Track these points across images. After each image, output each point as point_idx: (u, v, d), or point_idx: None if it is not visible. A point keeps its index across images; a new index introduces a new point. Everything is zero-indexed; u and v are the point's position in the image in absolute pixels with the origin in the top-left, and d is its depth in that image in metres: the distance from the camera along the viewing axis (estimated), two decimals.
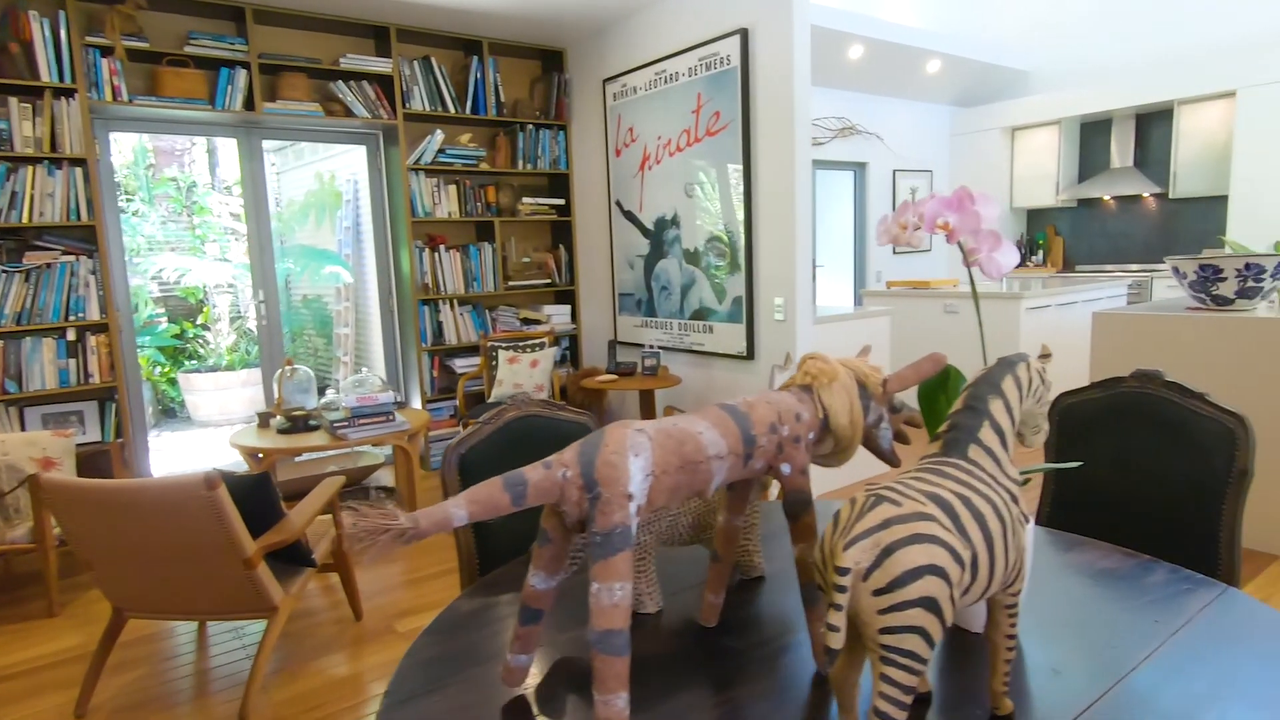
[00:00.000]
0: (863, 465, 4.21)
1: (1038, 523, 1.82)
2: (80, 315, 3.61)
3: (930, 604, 0.73)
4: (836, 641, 0.72)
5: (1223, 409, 1.54)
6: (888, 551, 0.74)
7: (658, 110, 4.32)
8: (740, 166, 3.84)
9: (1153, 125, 6.73)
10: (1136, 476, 1.67)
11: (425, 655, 1.13)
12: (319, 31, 4.33)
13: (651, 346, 4.53)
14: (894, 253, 7.30)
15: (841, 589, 0.73)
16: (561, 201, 5.16)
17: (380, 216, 4.80)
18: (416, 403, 4.74)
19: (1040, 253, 7.54)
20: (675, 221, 4.31)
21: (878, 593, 0.74)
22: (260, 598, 2.27)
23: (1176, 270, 3.32)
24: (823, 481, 4.03)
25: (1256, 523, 3.11)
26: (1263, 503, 3.08)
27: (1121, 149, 6.85)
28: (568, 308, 5.24)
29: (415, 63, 4.49)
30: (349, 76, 4.31)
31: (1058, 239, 7.48)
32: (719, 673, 1.05)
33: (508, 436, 1.61)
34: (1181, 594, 1.21)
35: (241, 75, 3.95)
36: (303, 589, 2.54)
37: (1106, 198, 7.09)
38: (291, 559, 2.54)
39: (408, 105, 4.46)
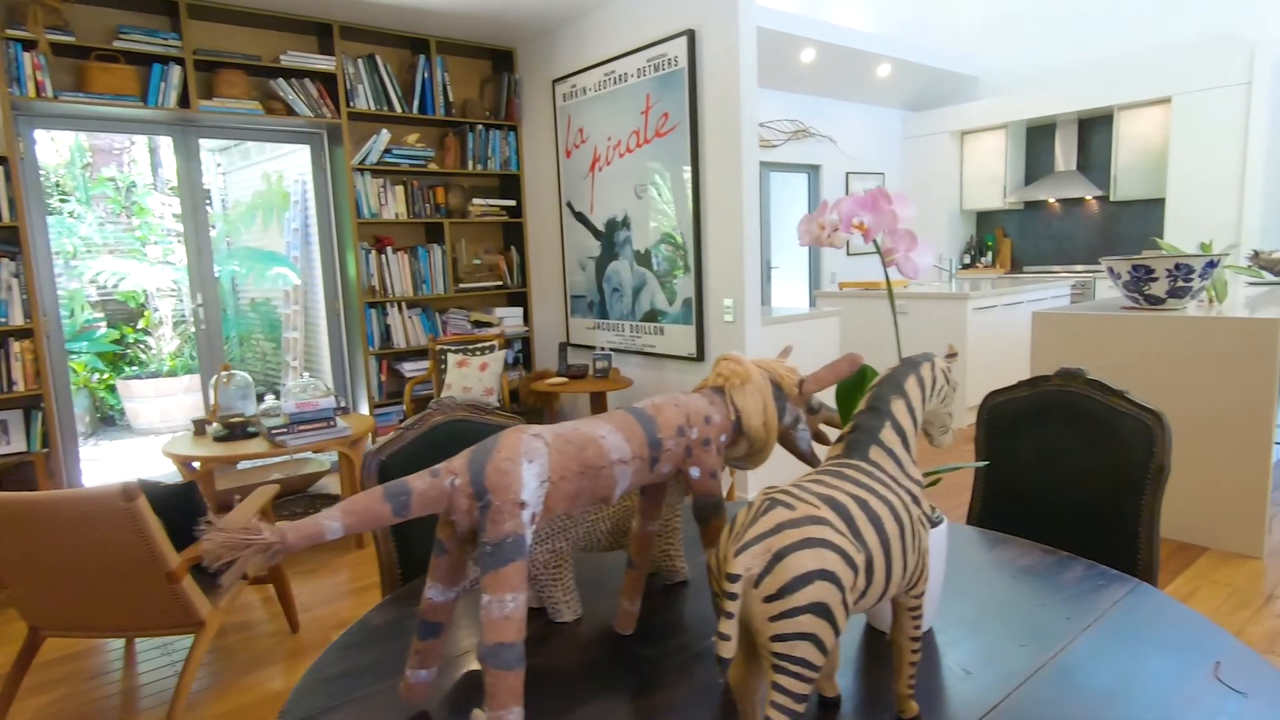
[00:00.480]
0: None
1: (969, 521, 1.84)
2: (2, 320, 3.46)
3: (821, 610, 0.72)
4: (727, 651, 0.70)
5: (1141, 406, 1.57)
6: (778, 557, 0.73)
7: (607, 111, 4.30)
8: (689, 168, 3.83)
9: (1094, 130, 6.92)
10: (1062, 473, 1.69)
11: (329, 671, 1.08)
12: (258, 28, 4.22)
13: (603, 349, 4.50)
14: (847, 254, 7.38)
15: (732, 596, 0.71)
16: (513, 203, 5.10)
17: (325, 217, 4.69)
18: (364, 408, 4.64)
19: (989, 254, 7.70)
20: (626, 223, 4.29)
21: (768, 599, 0.72)
22: (185, 612, 2.19)
23: (1111, 271, 3.40)
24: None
25: (1189, 517, 3.20)
26: (1195, 496, 3.17)
27: (1065, 153, 7.03)
28: (520, 310, 5.18)
29: (360, 61, 4.40)
30: (290, 74, 4.20)
31: (1006, 240, 7.64)
32: (632, 682, 1.03)
33: (432, 442, 1.57)
34: (1095, 590, 1.23)
35: (175, 72, 3.82)
36: (233, 602, 2.45)
37: (1051, 200, 7.27)
38: (221, 571, 2.46)
39: (352, 104, 4.37)
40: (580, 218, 4.62)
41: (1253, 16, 5.71)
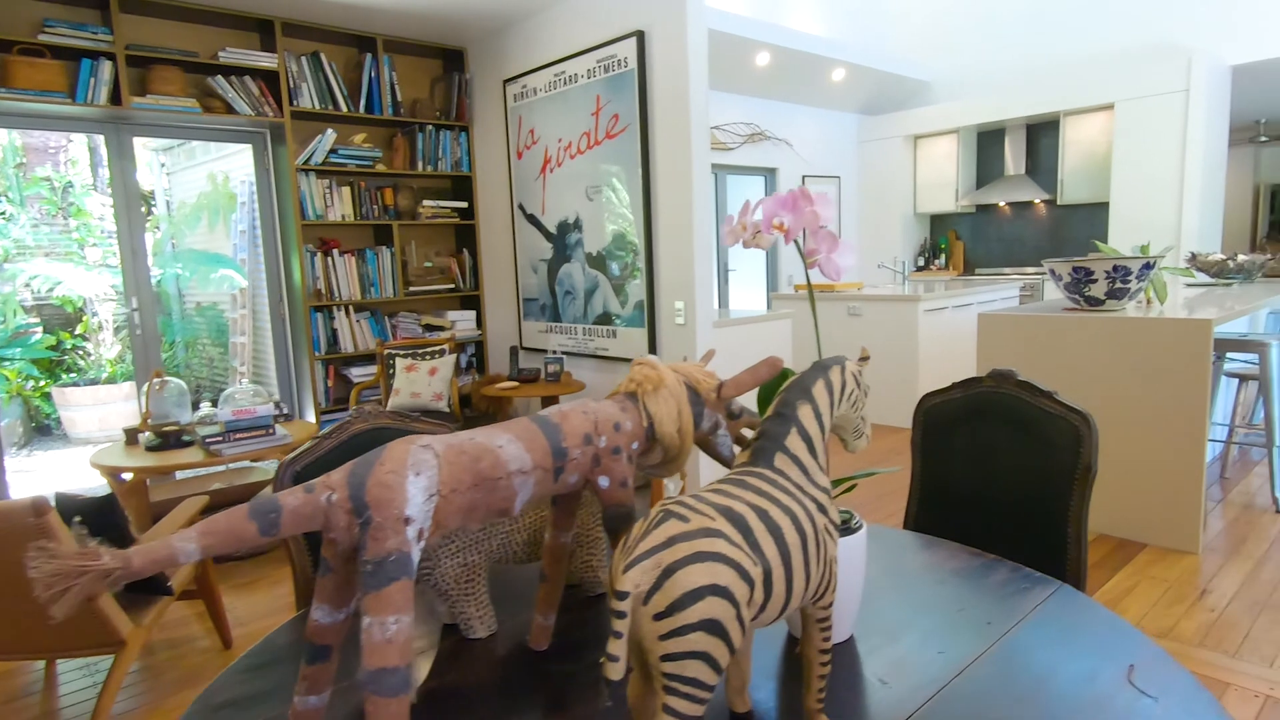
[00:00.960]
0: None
1: (905, 523, 1.83)
2: None
3: (713, 627, 0.69)
4: (615, 673, 0.67)
5: (1069, 407, 1.57)
6: (668, 572, 0.69)
7: (558, 112, 4.25)
8: (639, 170, 3.80)
9: (1042, 135, 7.07)
10: (995, 474, 1.69)
11: (221, 698, 1.02)
12: (194, 23, 4.09)
13: (555, 352, 4.45)
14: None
15: (620, 615, 0.68)
16: (465, 204, 5.02)
17: (269, 219, 4.57)
18: (310, 414, 4.52)
19: (943, 256, 7.82)
20: (578, 225, 4.25)
21: (658, 617, 0.69)
22: (104, 632, 2.08)
23: (1053, 273, 3.46)
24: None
25: (1129, 514, 3.26)
26: (1135, 494, 3.23)
27: (1015, 157, 7.17)
28: (473, 313, 5.10)
29: (304, 59, 4.29)
30: (230, 71, 4.08)
31: (958, 243, 7.77)
32: (543, 699, 0.99)
33: (352, 451, 1.51)
34: (1019, 593, 1.22)
35: (106, 67, 3.68)
36: (157, 619, 2.35)
37: (1002, 203, 7.41)
38: (145, 587, 2.35)
39: (296, 103, 4.26)
40: (532, 220, 4.56)
41: (1189, 26, 5.89)
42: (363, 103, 4.52)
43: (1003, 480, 1.67)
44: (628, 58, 3.78)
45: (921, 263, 7.88)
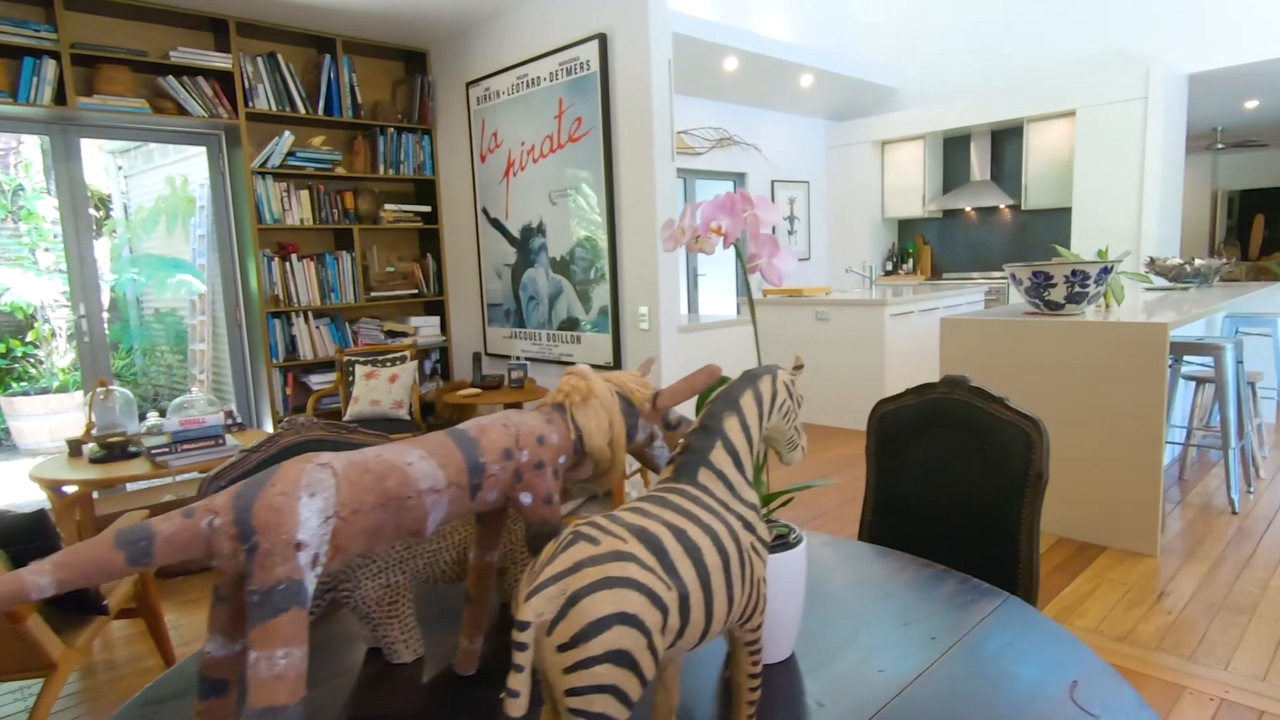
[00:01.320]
0: None
1: (860, 532, 1.80)
2: None
3: (621, 658, 0.64)
4: (516, 709, 0.62)
5: (1020, 413, 1.55)
6: (573, 600, 0.65)
7: (521, 115, 4.20)
8: (603, 173, 3.76)
9: (1006, 141, 7.16)
10: (948, 482, 1.67)
11: None
12: (144, 21, 3.97)
13: (518, 358, 4.38)
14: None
15: (521, 647, 0.63)
16: (428, 208, 4.95)
17: (224, 223, 4.45)
18: (268, 423, 4.40)
19: (910, 261, 7.87)
20: (541, 229, 4.19)
21: (562, 648, 0.64)
22: (32, 655, 1.99)
23: (1014, 277, 3.47)
24: None
25: (1089, 517, 3.27)
26: (1094, 497, 3.25)
27: (980, 163, 7.25)
28: (437, 319, 5.02)
29: (260, 59, 4.19)
30: (182, 71, 3.97)
31: (926, 248, 7.83)
32: None
33: None
34: (965, 606, 1.19)
35: (50, 66, 3.56)
36: (92, 640, 2.25)
37: (968, 209, 7.48)
38: (80, 606, 2.25)
39: (252, 104, 4.16)
40: (496, 224, 4.50)
41: (1147, 35, 5.99)
42: (321, 105, 4.43)
43: (956, 488, 1.65)
44: (590, 60, 3.74)
45: (890, 267, 7.93)
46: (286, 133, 4.28)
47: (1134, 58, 6.03)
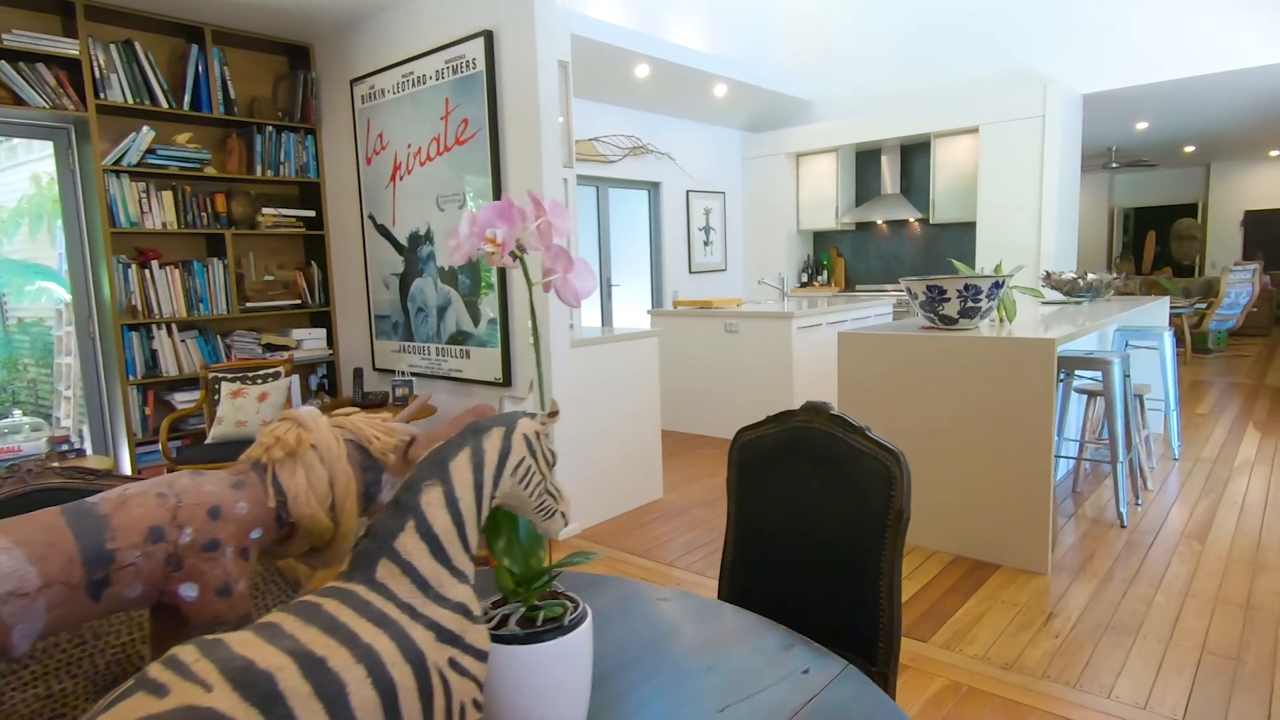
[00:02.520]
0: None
1: (722, 574, 1.64)
2: None
3: None
4: None
5: (881, 445, 1.42)
6: None
7: (407, 116, 3.94)
8: (490, 178, 3.55)
9: (915, 156, 7.26)
10: (808, 519, 1.52)
11: None
12: None
13: (403, 373, 4.11)
14: (690, 272, 7.34)
15: None
16: (312, 213, 4.62)
17: (75, 226, 4.04)
18: (124, 447, 4.00)
19: (825, 273, 7.91)
20: (429, 237, 3.94)
21: None
22: None
23: (909, 291, 3.42)
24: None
25: (983, 535, 3.22)
26: (988, 514, 3.20)
27: (891, 176, 7.33)
28: (323, 331, 4.69)
29: (114, 47, 3.81)
30: (19, 56, 3.57)
31: (840, 260, 7.87)
32: None
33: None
34: (794, 682, 1.03)
35: None
36: None
37: (880, 221, 7.55)
38: None
39: (104, 96, 3.77)
40: (383, 231, 4.22)
41: (1045, 56, 6.15)
42: (188, 99, 4.07)
43: (817, 525, 1.50)
44: (476, 59, 3.52)
45: (805, 279, 7.94)
46: (146, 128, 3.91)
47: (1032, 77, 6.19)
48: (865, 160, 7.62)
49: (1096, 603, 2.82)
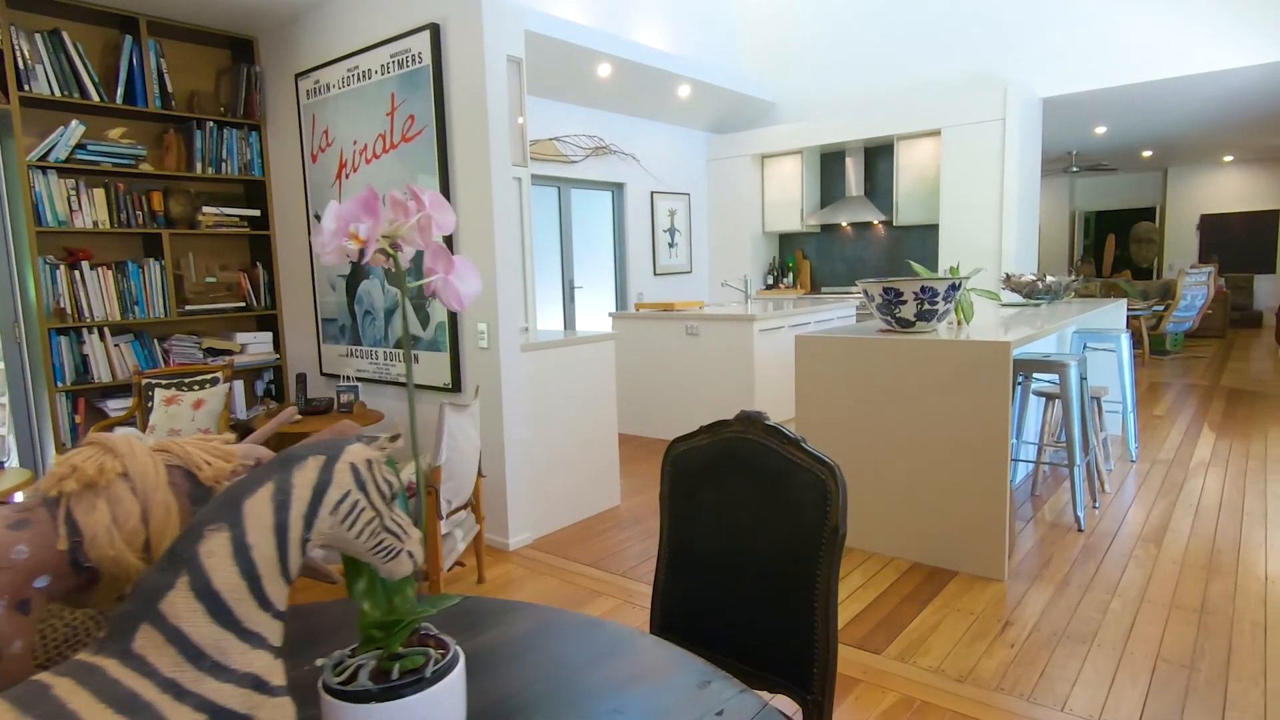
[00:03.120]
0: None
1: (654, 594, 1.54)
2: None
3: None
4: None
5: (816, 457, 1.33)
6: None
7: (353, 111, 3.80)
8: (437, 177, 3.42)
9: (879, 158, 7.25)
10: (742, 535, 1.43)
11: None
12: None
13: (348, 379, 3.96)
14: (655, 274, 7.26)
15: None
16: (258, 212, 4.45)
17: None
18: (50, 455, 3.80)
19: (791, 275, 7.87)
20: None
21: None
22: None
23: (866, 294, 3.36)
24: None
25: (940, 541, 3.17)
26: (945, 521, 3.15)
27: (855, 178, 7.31)
28: (270, 335, 4.52)
29: (39, 36, 3.62)
30: None
31: (805, 262, 7.84)
32: None
33: None
34: None
35: None
36: None
37: (845, 224, 7.54)
38: None
39: (29, 88, 3.58)
40: None
41: (1005, 59, 6.17)
42: (121, 92, 3.89)
43: (751, 545, 1.42)
44: (422, 53, 3.40)
45: (770, 281, 7.90)
46: (75, 122, 3.72)
47: (993, 80, 6.20)
48: (830, 162, 7.60)
49: (1053, 609, 2.77)
